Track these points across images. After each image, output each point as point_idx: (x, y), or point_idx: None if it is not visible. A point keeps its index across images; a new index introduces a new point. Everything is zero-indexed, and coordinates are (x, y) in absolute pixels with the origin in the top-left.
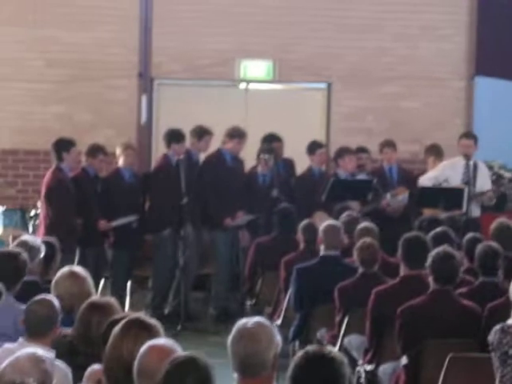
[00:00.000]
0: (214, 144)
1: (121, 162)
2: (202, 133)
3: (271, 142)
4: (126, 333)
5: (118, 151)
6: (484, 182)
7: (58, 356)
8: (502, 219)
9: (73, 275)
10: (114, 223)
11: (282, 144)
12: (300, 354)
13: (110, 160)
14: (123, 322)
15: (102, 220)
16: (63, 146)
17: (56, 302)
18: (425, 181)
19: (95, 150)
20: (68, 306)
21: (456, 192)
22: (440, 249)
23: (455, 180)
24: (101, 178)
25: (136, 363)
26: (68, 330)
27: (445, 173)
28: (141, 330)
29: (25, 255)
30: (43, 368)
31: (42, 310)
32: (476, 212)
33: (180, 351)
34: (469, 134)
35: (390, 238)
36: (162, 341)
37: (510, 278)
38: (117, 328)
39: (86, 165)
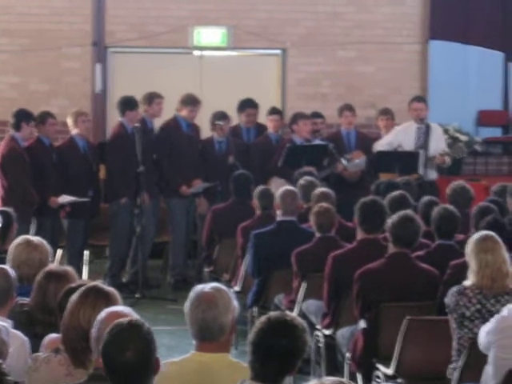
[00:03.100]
0: (170, 112)
1: (75, 130)
2: (151, 97)
3: (246, 107)
4: (83, 301)
5: (71, 120)
6: (438, 144)
7: (16, 326)
8: (457, 181)
9: (29, 244)
10: (61, 200)
11: (258, 110)
12: (262, 319)
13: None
14: (80, 290)
15: (53, 196)
16: (25, 116)
17: (12, 272)
18: (378, 147)
19: (43, 117)
20: (25, 275)
21: (411, 156)
22: (400, 212)
23: (408, 145)
24: (55, 148)
25: (93, 330)
26: (25, 300)
27: (398, 138)
28: (98, 298)
29: None
30: None
31: None
32: (432, 175)
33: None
34: (419, 98)
35: (346, 203)
36: (120, 308)
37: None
38: (74, 296)
39: (40, 134)
